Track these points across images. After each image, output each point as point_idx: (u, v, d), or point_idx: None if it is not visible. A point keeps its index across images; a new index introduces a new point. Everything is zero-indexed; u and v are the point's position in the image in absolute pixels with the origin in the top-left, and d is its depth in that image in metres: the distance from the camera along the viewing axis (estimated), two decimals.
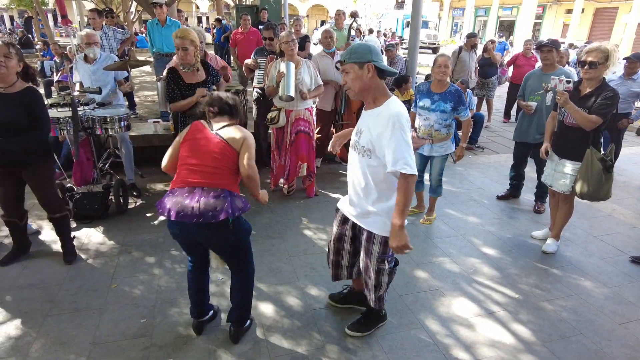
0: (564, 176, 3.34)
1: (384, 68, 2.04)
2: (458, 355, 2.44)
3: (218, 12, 15.95)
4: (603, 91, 3.06)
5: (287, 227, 3.88)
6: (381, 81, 2.08)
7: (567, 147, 3.33)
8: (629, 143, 6.86)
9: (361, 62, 2.00)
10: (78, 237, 3.55)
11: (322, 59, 4.84)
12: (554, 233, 3.65)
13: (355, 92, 2.08)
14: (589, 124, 3.08)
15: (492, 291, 3.05)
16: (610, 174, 3.16)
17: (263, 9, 9.11)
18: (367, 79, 2.03)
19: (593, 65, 3.02)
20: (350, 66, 2.03)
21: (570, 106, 3.11)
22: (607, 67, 3.02)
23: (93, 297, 2.82)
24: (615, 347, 2.54)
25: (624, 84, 5.20)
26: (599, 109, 3.05)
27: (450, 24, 36.05)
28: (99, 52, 4.31)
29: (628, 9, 22.67)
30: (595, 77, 3.08)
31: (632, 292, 3.08)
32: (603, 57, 2.99)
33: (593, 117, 3.06)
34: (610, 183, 3.19)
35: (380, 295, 2.42)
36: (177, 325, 2.59)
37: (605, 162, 3.13)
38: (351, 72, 2.04)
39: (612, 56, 2.98)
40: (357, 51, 2.02)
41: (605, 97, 3.04)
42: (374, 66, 2.01)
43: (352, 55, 2.02)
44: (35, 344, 2.41)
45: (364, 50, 2.01)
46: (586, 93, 3.15)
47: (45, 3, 19.40)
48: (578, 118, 3.11)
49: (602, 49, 2.99)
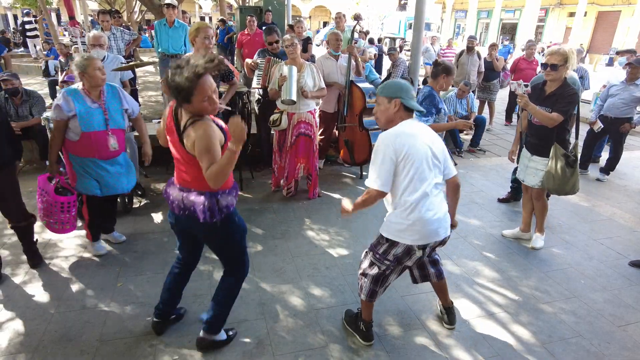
0: (535, 172, 3.53)
1: (410, 106, 2.25)
2: (459, 356, 2.48)
3: (221, 12, 16.02)
4: (564, 91, 3.26)
5: (290, 227, 3.92)
6: (407, 114, 2.27)
7: (536, 144, 3.51)
8: (631, 147, 6.89)
9: (390, 97, 2.24)
10: (83, 236, 3.59)
11: (326, 62, 4.89)
12: (538, 227, 3.76)
13: (382, 122, 2.32)
14: (551, 122, 3.26)
15: (493, 293, 3.08)
16: (574, 169, 3.34)
17: (267, 10, 9.16)
18: (392, 113, 2.26)
19: (554, 67, 3.21)
20: (382, 99, 2.28)
21: (531, 107, 3.31)
22: (567, 68, 3.22)
23: (99, 295, 2.87)
24: (614, 349, 2.58)
25: (626, 89, 5.23)
26: (560, 107, 3.23)
27: (452, 26, 36.06)
28: (104, 54, 4.36)
29: (631, 12, 22.67)
30: (557, 78, 3.26)
31: (632, 295, 3.12)
32: (563, 59, 3.18)
33: (554, 115, 3.23)
34: (576, 178, 3.38)
35: (359, 277, 2.50)
36: (183, 323, 2.63)
37: (568, 158, 3.33)
38: (382, 104, 2.28)
39: (571, 58, 3.18)
40: (391, 87, 2.27)
41: (566, 96, 3.24)
42: (400, 102, 2.22)
43: (385, 90, 2.28)
44: (43, 341, 2.46)
45: (396, 88, 2.26)
46: (549, 93, 3.34)
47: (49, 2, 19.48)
48: (539, 117, 3.30)
49: (562, 52, 3.19)
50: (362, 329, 2.53)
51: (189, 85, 1.85)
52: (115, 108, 3.15)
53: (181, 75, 1.86)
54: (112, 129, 3.09)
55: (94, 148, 3.03)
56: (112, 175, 3.18)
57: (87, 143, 3.00)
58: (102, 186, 3.15)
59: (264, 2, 10.25)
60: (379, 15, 34.23)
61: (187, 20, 8.01)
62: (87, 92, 3.00)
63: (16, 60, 12.91)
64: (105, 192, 3.18)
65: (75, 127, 2.97)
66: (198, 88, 1.88)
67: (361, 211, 4.33)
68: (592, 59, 22.93)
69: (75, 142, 3.00)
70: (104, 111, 3.05)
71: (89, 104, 3.00)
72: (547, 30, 28.06)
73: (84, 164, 3.07)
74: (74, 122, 2.96)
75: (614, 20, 24.24)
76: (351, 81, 4.86)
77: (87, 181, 3.11)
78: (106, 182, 3.16)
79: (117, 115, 3.16)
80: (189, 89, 1.86)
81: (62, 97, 2.95)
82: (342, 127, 5.11)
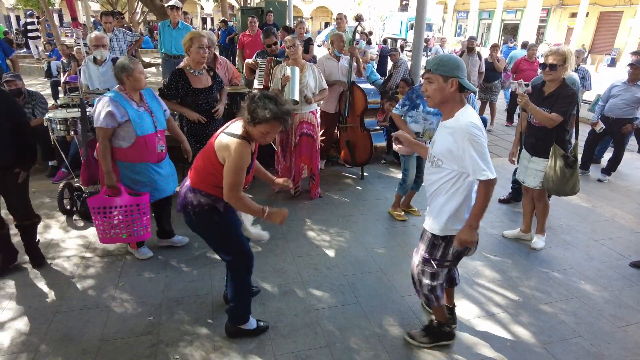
0: (535, 172, 3.53)
1: (466, 85, 2.06)
2: (459, 356, 2.48)
3: (223, 13, 16.05)
4: (563, 91, 3.24)
5: (291, 228, 3.93)
6: (460, 95, 2.10)
7: (535, 145, 3.51)
8: (633, 148, 6.88)
9: (447, 76, 2.03)
10: (86, 236, 3.62)
11: (328, 62, 4.90)
12: (539, 229, 3.76)
13: (435, 102, 2.12)
14: (550, 122, 3.25)
15: (493, 293, 3.09)
16: (574, 169, 3.33)
17: (269, 11, 9.19)
18: (448, 93, 2.06)
19: (553, 67, 3.20)
20: (436, 77, 2.06)
21: (531, 107, 3.29)
22: (566, 68, 3.21)
23: (101, 295, 2.88)
24: (614, 349, 2.58)
25: (628, 90, 5.23)
26: (559, 107, 3.22)
27: (454, 27, 36.06)
28: (107, 54, 4.38)
29: (633, 13, 22.62)
30: (556, 78, 3.26)
31: (632, 296, 3.11)
32: (561, 59, 3.17)
33: (553, 116, 3.23)
34: (576, 178, 3.37)
35: (425, 294, 2.39)
36: (184, 323, 2.64)
37: (567, 159, 3.32)
38: (435, 82, 2.07)
39: (570, 58, 3.17)
40: (447, 64, 2.04)
41: (565, 97, 3.23)
42: (457, 81, 2.04)
43: (441, 67, 2.04)
44: (45, 340, 2.47)
45: (453, 65, 2.04)
46: (549, 93, 3.33)
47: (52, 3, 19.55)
48: (539, 117, 3.29)
49: (560, 52, 3.17)
50: (445, 331, 2.51)
51: (267, 119, 2.07)
52: (157, 109, 3.13)
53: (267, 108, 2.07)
54: (159, 130, 3.09)
55: (147, 151, 2.99)
56: (164, 178, 3.16)
57: (141, 147, 2.95)
58: (153, 190, 3.10)
59: (265, 3, 10.28)
60: (380, 16, 34.23)
61: (189, 21, 8.02)
62: (130, 96, 2.96)
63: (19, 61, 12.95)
64: (157, 196, 3.14)
65: (127, 133, 2.90)
66: (270, 125, 2.10)
67: (361, 211, 4.37)
68: (594, 59, 22.89)
69: (127, 148, 2.93)
70: (151, 113, 3.03)
71: (135, 108, 2.95)
72: (548, 31, 28.03)
73: (136, 170, 3.01)
74: (126, 127, 2.88)
75: (616, 21, 24.20)
76: (352, 82, 4.87)
77: (140, 187, 3.05)
78: (158, 186, 3.12)
79: (160, 116, 3.13)
80: (264, 120, 2.07)
81: (109, 103, 2.83)
82: (343, 127, 5.12)
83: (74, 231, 3.73)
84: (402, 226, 4.06)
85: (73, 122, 3.79)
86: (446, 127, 2.13)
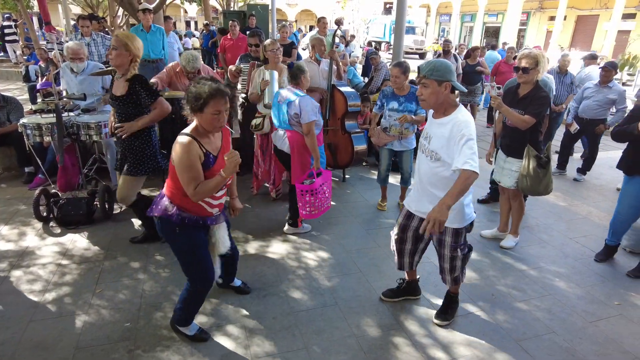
0: (510, 173, 3.61)
1: (457, 87, 2.28)
2: (435, 355, 2.52)
3: (206, 17, 15.99)
4: (536, 93, 3.33)
5: (271, 230, 3.93)
6: (452, 95, 2.29)
7: (510, 146, 3.59)
8: (606, 147, 7.06)
9: (441, 80, 2.21)
10: (63, 243, 3.56)
11: (308, 65, 4.91)
12: (512, 230, 3.85)
13: (430, 104, 2.31)
14: (523, 124, 3.33)
15: (470, 292, 3.14)
16: (546, 170, 3.42)
17: (251, 15, 9.19)
18: (442, 95, 2.25)
19: (525, 70, 3.28)
20: (431, 82, 2.23)
21: (505, 109, 3.36)
22: (538, 71, 3.28)
23: (77, 302, 2.84)
24: (586, 344, 2.65)
25: (600, 92, 5.37)
26: (532, 109, 3.30)
27: (437, 30, 36.49)
28: (83, 66, 4.32)
29: (608, 17, 23.21)
30: (529, 81, 3.34)
31: (603, 292, 3.20)
32: (534, 62, 3.25)
33: (526, 118, 3.31)
34: (549, 179, 3.47)
35: (457, 277, 2.63)
36: (161, 328, 2.62)
37: (540, 159, 3.40)
38: (430, 87, 2.24)
39: (541, 61, 3.26)
40: (440, 69, 2.22)
41: (538, 98, 3.31)
42: (450, 85, 2.23)
43: (435, 72, 2.22)
44: (19, 349, 2.43)
45: (446, 70, 2.23)
46: (523, 95, 3.41)
47: (30, 6, 19.19)
48: (512, 119, 3.36)
49: (532, 55, 3.27)
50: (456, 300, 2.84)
51: (208, 95, 2.04)
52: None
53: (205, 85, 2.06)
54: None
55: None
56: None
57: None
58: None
59: (248, 6, 10.28)
60: (364, 19, 34.48)
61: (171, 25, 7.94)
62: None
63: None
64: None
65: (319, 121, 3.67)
66: (214, 101, 2.06)
67: (342, 213, 4.40)
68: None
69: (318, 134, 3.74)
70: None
71: None
72: (529, 34, 28.58)
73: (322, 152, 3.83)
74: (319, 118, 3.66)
75: (593, 24, 24.81)
76: (333, 85, 4.91)
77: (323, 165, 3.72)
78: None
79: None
80: (208, 98, 2.05)
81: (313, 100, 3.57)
82: (324, 130, 5.14)
83: (50, 238, 3.67)
84: (383, 228, 4.10)
85: (48, 127, 3.74)
86: (442, 123, 2.31)
